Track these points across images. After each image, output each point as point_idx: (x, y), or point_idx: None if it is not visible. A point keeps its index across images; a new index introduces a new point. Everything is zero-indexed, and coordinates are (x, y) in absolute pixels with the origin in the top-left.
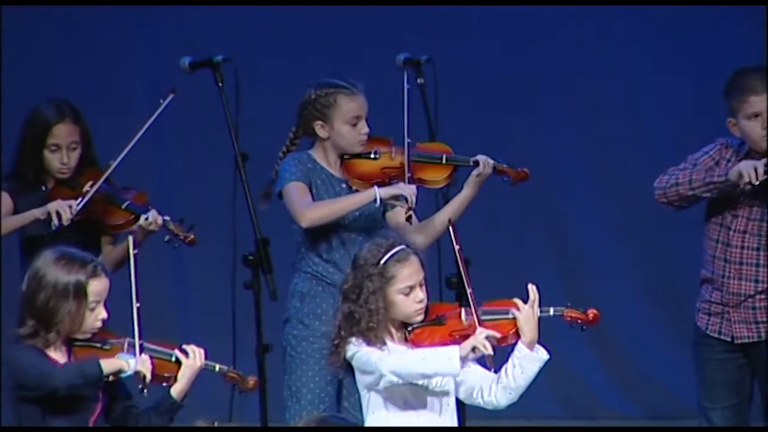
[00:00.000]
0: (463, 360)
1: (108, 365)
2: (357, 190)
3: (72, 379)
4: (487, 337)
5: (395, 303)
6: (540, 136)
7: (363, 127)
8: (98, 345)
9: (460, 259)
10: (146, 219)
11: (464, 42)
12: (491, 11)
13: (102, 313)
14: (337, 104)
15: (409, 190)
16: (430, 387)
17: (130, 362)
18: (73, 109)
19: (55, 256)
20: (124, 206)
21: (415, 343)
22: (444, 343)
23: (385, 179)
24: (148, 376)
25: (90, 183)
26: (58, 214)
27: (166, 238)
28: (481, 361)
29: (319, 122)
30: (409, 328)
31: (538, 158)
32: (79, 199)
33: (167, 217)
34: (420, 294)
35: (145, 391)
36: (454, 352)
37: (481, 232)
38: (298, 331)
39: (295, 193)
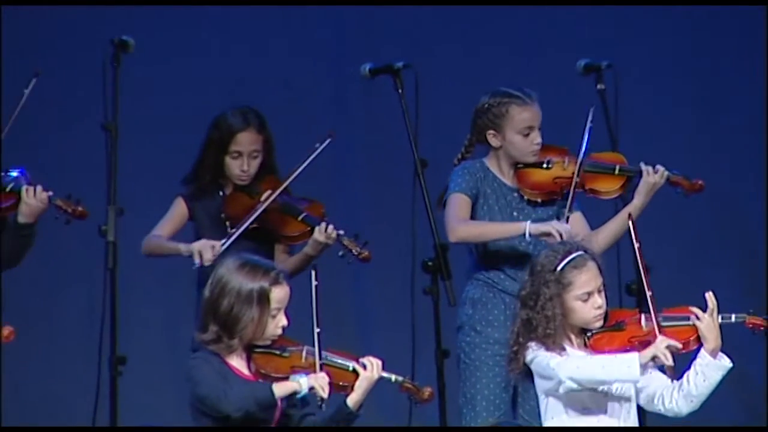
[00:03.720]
0: (643, 368)
1: (280, 389)
2: (528, 200)
3: (245, 406)
4: (668, 347)
5: (574, 309)
6: (722, 143)
7: (536, 137)
8: (277, 352)
9: (640, 257)
10: (320, 232)
11: (645, 47)
12: (672, 14)
13: (282, 321)
14: (509, 114)
15: (560, 228)
16: (610, 392)
17: (302, 382)
18: (258, 118)
19: (238, 263)
20: (300, 218)
21: (595, 349)
22: (623, 350)
23: (556, 189)
24: (324, 394)
25: (266, 193)
26: (200, 253)
27: (341, 252)
28: (661, 368)
29: (492, 131)
30: (588, 334)
31: (718, 164)
32: (223, 240)
33: (341, 232)
34: (598, 300)
35: (323, 406)
36: (634, 359)
37: (660, 239)
38: (471, 338)
39: (454, 205)
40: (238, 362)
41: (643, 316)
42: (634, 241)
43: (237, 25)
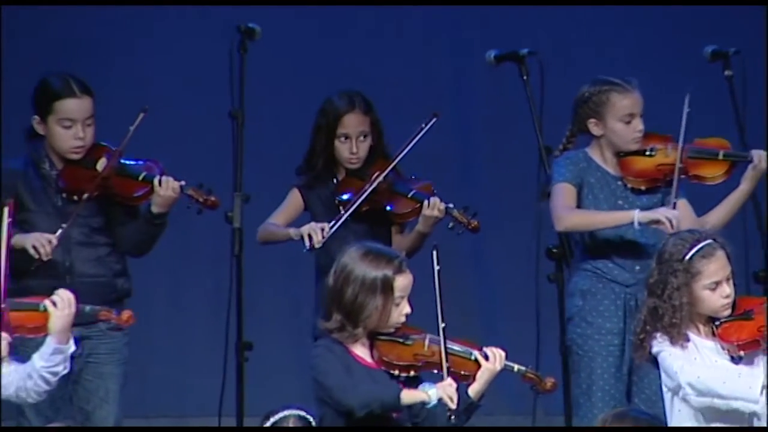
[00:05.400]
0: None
1: (408, 396)
2: (632, 188)
3: (369, 405)
4: None
5: (701, 298)
6: None
7: (637, 125)
8: (400, 340)
9: None
10: (428, 206)
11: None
12: None
13: (406, 308)
14: (610, 102)
15: (669, 215)
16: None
17: (431, 393)
18: (364, 99)
19: (362, 252)
20: (410, 195)
21: (723, 338)
22: (753, 338)
23: (660, 176)
24: (453, 405)
25: (376, 174)
26: (309, 236)
27: (450, 225)
28: None
29: (593, 120)
30: (717, 323)
31: None
32: (332, 222)
33: (450, 204)
34: (727, 289)
35: (452, 418)
36: (757, 380)
37: None
38: (582, 330)
39: (560, 194)
40: (361, 350)
41: None
42: None
43: (357, 14)
